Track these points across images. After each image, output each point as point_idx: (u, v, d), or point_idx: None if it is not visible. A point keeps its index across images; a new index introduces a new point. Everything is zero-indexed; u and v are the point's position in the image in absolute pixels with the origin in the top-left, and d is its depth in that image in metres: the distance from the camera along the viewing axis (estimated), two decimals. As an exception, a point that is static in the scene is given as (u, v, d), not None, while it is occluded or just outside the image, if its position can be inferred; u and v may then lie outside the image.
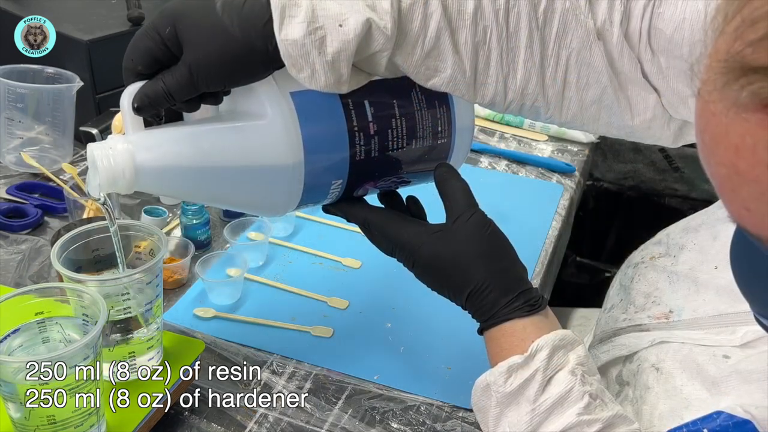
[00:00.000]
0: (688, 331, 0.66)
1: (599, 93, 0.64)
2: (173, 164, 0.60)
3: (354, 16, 0.56)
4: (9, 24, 1.10)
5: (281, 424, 0.73)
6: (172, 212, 1.02)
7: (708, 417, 0.56)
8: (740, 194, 0.31)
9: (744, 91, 0.29)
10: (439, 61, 0.61)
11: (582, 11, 0.61)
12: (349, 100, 0.64)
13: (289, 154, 0.62)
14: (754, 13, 0.29)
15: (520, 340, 0.61)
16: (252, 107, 0.62)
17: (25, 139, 1.11)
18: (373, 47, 0.58)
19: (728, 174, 0.31)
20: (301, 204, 0.66)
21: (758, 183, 0.30)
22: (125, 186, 0.59)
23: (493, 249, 0.64)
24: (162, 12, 0.59)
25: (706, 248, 0.72)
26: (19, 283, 0.89)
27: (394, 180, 0.70)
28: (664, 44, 0.60)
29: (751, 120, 0.29)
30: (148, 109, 0.59)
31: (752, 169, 0.30)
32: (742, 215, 0.32)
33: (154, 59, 0.59)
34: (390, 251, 0.68)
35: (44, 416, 0.58)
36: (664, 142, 0.68)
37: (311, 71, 0.57)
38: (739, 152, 0.30)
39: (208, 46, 0.57)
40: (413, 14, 0.59)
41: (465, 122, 0.70)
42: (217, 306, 0.88)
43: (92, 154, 0.59)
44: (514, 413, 0.59)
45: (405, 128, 0.66)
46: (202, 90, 0.59)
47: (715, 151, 0.32)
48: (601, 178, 1.82)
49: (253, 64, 0.58)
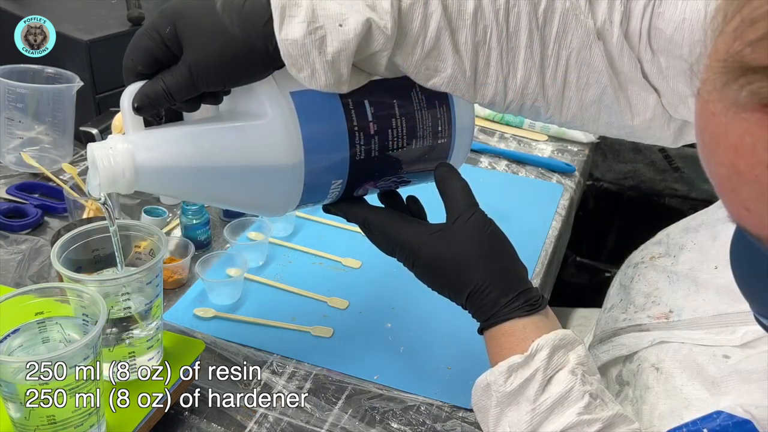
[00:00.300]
0: (688, 331, 0.66)
1: (599, 93, 0.64)
2: (173, 164, 0.60)
3: (354, 16, 0.56)
4: (9, 24, 1.10)
5: (281, 424, 0.73)
6: (172, 212, 1.02)
7: (708, 417, 0.56)
8: (740, 194, 0.31)
9: (743, 91, 0.29)
10: (439, 61, 0.61)
11: (582, 11, 0.61)
12: (349, 99, 0.64)
13: (289, 154, 0.62)
14: (753, 12, 0.29)
15: (520, 339, 0.61)
16: (252, 107, 0.62)
17: (25, 139, 1.11)
18: (373, 47, 0.58)
19: (728, 174, 0.31)
20: (301, 204, 0.66)
21: (758, 183, 0.30)
22: (125, 186, 0.59)
23: (493, 248, 0.64)
24: (162, 12, 0.59)
25: (706, 248, 0.72)
26: (19, 283, 0.89)
27: (394, 180, 0.70)
28: (664, 44, 0.60)
29: (750, 120, 0.29)
30: (148, 108, 0.59)
31: (752, 169, 0.30)
32: (741, 215, 0.32)
33: (154, 59, 0.59)
34: (390, 251, 0.68)
35: (44, 416, 0.58)
36: (664, 142, 0.68)
37: (311, 71, 0.57)
38: (738, 152, 0.30)
39: (208, 46, 0.57)
40: (413, 14, 0.59)
41: (465, 122, 0.70)
42: (217, 306, 0.88)
43: (92, 153, 0.59)
44: (514, 413, 0.59)
45: (405, 128, 0.66)
46: (202, 89, 0.59)
47: (715, 151, 0.32)
48: (601, 178, 1.82)
49: (253, 64, 0.58)
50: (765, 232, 0.31)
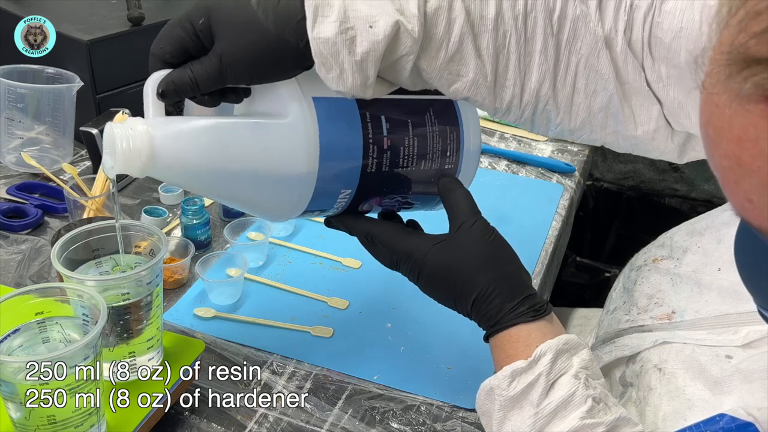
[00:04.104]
0: (691, 331, 0.66)
1: (606, 100, 0.64)
2: (190, 152, 0.60)
3: (384, 18, 0.57)
4: (9, 24, 1.10)
5: (281, 424, 0.73)
6: (172, 212, 1.02)
7: (711, 420, 0.56)
8: (743, 186, 0.31)
9: (747, 83, 0.29)
10: (461, 65, 0.62)
11: (592, 18, 0.62)
12: (366, 112, 0.65)
13: (305, 156, 0.62)
14: (758, 5, 0.29)
15: (525, 345, 0.61)
16: (274, 107, 0.63)
17: (25, 139, 1.11)
18: (401, 50, 0.59)
19: (731, 166, 0.31)
20: (306, 211, 0.67)
21: (760, 174, 0.30)
22: (140, 168, 0.59)
23: (496, 255, 0.64)
24: (197, 4, 0.59)
25: (710, 251, 0.72)
26: (20, 283, 0.89)
27: (398, 199, 0.71)
28: (664, 53, 0.60)
29: (754, 111, 0.29)
30: (172, 95, 0.60)
31: (754, 161, 0.30)
32: (744, 207, 0.32)
33: (183, 49, 0.59)
34: (394, 264, 0.68)
35: (44, 416, 0.58)
36: (668, 156, 0.69)
37: (340, 71, 0.58)
38: (741, 144, 0.30)
39: (241, 39, 0.58)
40: (438, 18, 0.59)
41: (472, 149, 0.71)
42: (217, 306, 0.88)
43: (112, 132, 0.58)
44: (517, 417, 0.59)
45: (416, 147, 0.68)
46: (229, 83, 0.59)
47: (719, 143, 0.32)
48: (601, 178, 1.82)
49: (284, 61, 0.59)
50: (767, 224, 0.32)
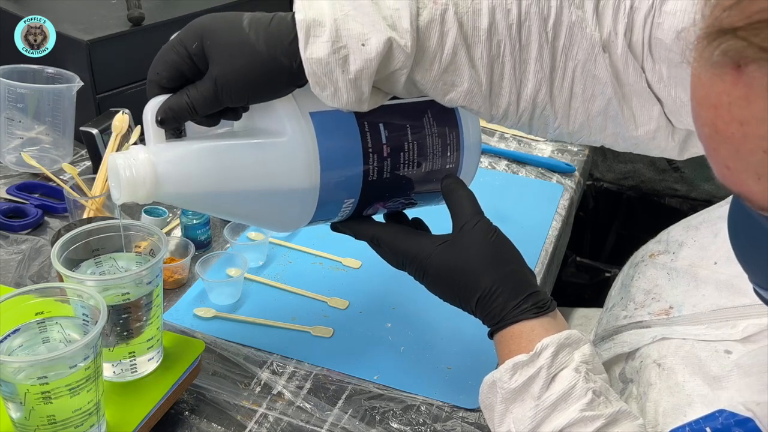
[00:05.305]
0: (689, 326, 0.66)
1: (604, 104, 0.65)
2: (193, 176, 0.61)
3: (376, 36, 0.58)
4: (9, 24, 1.10)
5: (281, 424, 0.73)
6: (172, 212, 1.02)
7: (710, 416, 0.56)
8: (720, 153, 0.33)
9: (717, 51, 0.31)
10: (456, 76, 0.62)
11: (588, 23, 0.62)
12: (364, 121, 0.65)
13: (306, 172, 0.63)
14: None
15: (527, 341, 0.61)
16: (271, 125, 0.63)
17: (25, 139, 1.11)
18: (394, 65, 0.59)
19: (710, 133, 0.33)
20: (312, 221, 0.68)
21: (734, 140, 0.32)
22: (145, 195, 0.60)
23: (499, 253, 0.65)
24: (189, 27, 0.60)
25: (706, 245, 0.73)
26: (20, 283, 0.89)
27: (402, 201, 0.71)
28: (665, 53, 0.61)
29: (726, 79, 0.31)
30: (171, 122, 0.60)
31: (728, 127, 0.32)
32: (724, 174, 0.34)
33: (179, 73, 0.60)
34: (400, 265, 0.69)
35: (44, 416, 0.58)
36: (669, 154, 0.69)
37: (334, 89, 0.59)
38: (717, 111, 0.32)
39: (235, 62, 0.58)
40: (431, 32, 0.60)
41: (473, 148, 0.72)
42: (217, 306, 0.88)
43: (115, 163, 0.60)
44: (518, 409, 0.60)
45: (416, 150, 0.68)
46: (226, 104, 0.60)
47: (700, 113, 0.34)
48: (601, 178, 1.82)
49: (278, 81, 0.59)
50: (744, 189, 0.33)
